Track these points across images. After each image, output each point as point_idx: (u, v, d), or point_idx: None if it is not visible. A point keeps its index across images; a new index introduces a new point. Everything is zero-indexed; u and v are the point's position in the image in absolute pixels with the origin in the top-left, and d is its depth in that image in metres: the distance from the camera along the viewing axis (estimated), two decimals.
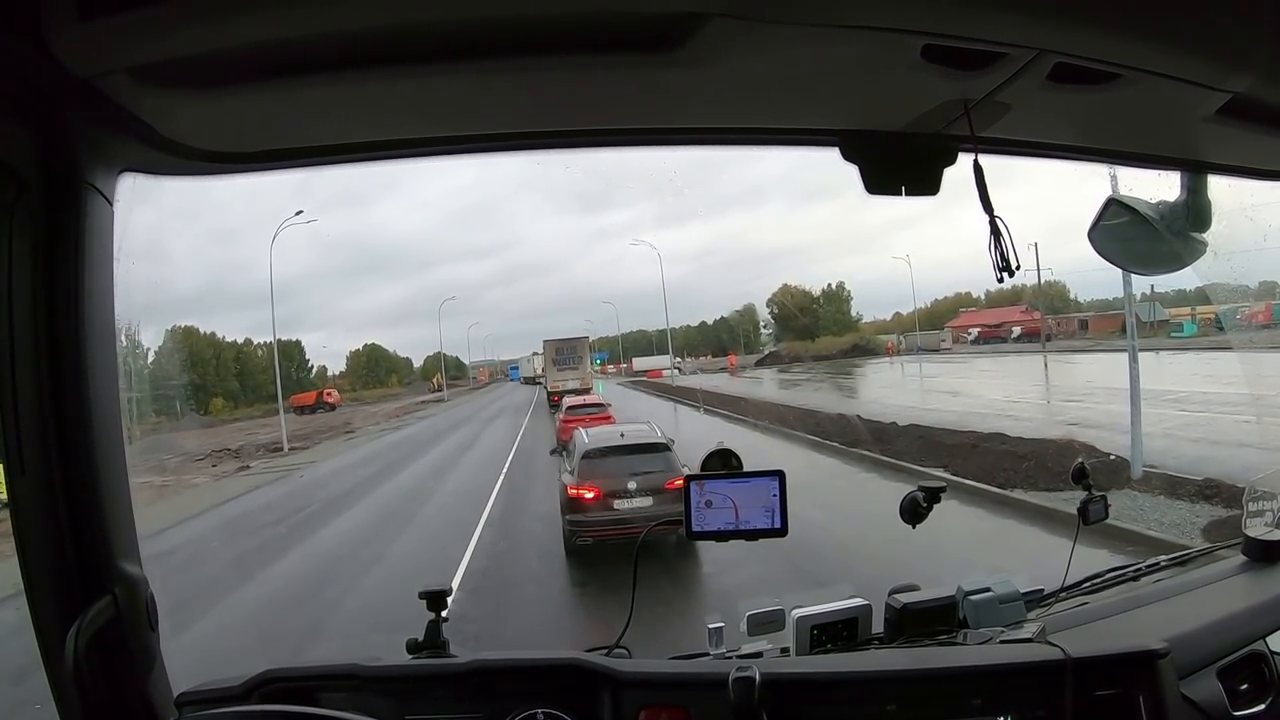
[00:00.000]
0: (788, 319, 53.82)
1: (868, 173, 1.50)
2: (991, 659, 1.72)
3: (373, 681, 1.74)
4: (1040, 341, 38.63)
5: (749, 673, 1.55)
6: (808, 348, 50.03)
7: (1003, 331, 44.04)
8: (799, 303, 53.55)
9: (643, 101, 1.36)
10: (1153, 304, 33.78)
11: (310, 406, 41.71)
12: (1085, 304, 43.95)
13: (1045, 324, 40.25)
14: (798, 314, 52.82)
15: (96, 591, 1.36)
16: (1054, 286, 43.63)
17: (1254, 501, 2.25)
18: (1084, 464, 2.17)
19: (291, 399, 41.74)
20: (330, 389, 46.04)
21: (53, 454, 1.32)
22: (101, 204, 1.37)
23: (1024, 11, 1.09)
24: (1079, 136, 1.62)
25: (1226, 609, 1.90)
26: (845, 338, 50.72)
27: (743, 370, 46.63)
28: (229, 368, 44.29)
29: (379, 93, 1.25)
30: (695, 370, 47.17)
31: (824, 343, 50.32)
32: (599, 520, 8.79)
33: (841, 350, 47.99)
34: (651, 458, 9.26)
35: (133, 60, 1.11)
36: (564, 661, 1.75)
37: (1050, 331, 40.94)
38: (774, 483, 1.74)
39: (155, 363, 21.92)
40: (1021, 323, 43.15)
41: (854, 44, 1.14)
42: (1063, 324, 42.94)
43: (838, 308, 54.16)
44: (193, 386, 28.60)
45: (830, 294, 54.23)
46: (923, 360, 39.91)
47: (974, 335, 46.00)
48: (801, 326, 52.85)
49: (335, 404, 43.22)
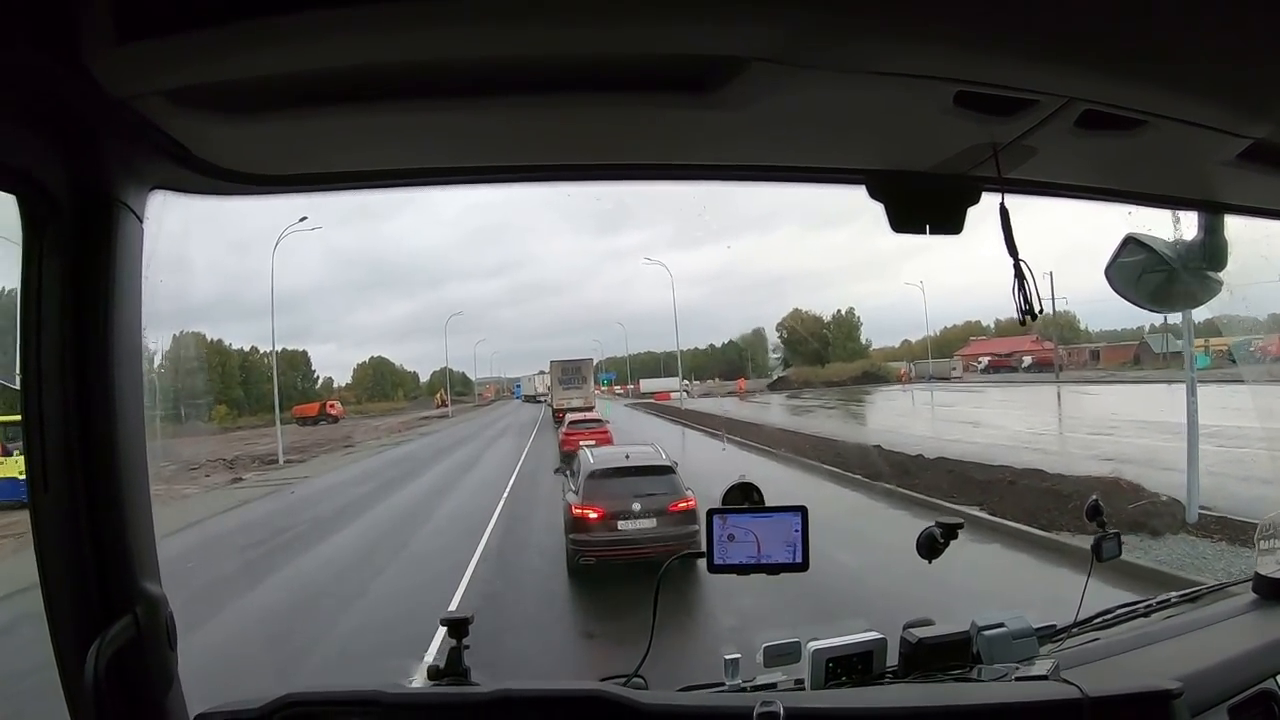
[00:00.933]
0: (797, 344, 53.75)
1: (893, 212, 1.51)
2: (1009, 697, 1.71)
3: (396, 709, 1.72)
4: (1053, 371, 38.56)
5: (773, 708, 1.54)
6: (818, 373, 50.21)
7: (1013, 361, 44.03)
8: (809, 328, 53.44)
9: (675, 139, 1.38)
10: (1165, 336, 33.48)
11: (313, 418, 41.54)
12: (1095, 334, 44.11)
13: (1057, 354, 40.21)
14: (807, 339, 52.63)
15: (118, 610, 1.35)
16: (1064, 316, 43.42)
17: (1265, 539, 2.25)
18: (1098, 501, 2.18)
19: (295, 409, 41.90)
20: (334, 401, 46.06)
21: (77, 471, 1.32)
22: (132, 222, 1.38)
23: (1057, 60, 1.10)
24: (1102, 179, 1.64)
25: (1237, 647, 1.90)
26: (855, 364, 50.66)
27: (751, 395, 46.08)
28: (234, 375, 44.04)
29: (410, 123, 1.27)
30: (703, 393, 46.95)
31: (834, 369, 50.27)
32: (602, 540, 8.83)
33: (852, 377, 47.83)
34: (656, 480, 9.24)
35: (169, 83, 1.12)
36: (587, 693, 1.73)
37: (1062, 362, 40.79)
38: (796, 518, 1.74)
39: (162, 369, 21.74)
40: (1032, 352, 43.09)
41: (889, 89, 1.15)
42: (1074, 354, 42.94)
43: (848, 334, 54.10)
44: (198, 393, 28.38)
45: (840, 320, 54.24)
46: (934, 389, 39.58)
47: (984, 364, 46.04)
48: (811, 352, 52.74)
49: (339, 416, 43.17)
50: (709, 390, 49.23)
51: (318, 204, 70.05)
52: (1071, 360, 41.80)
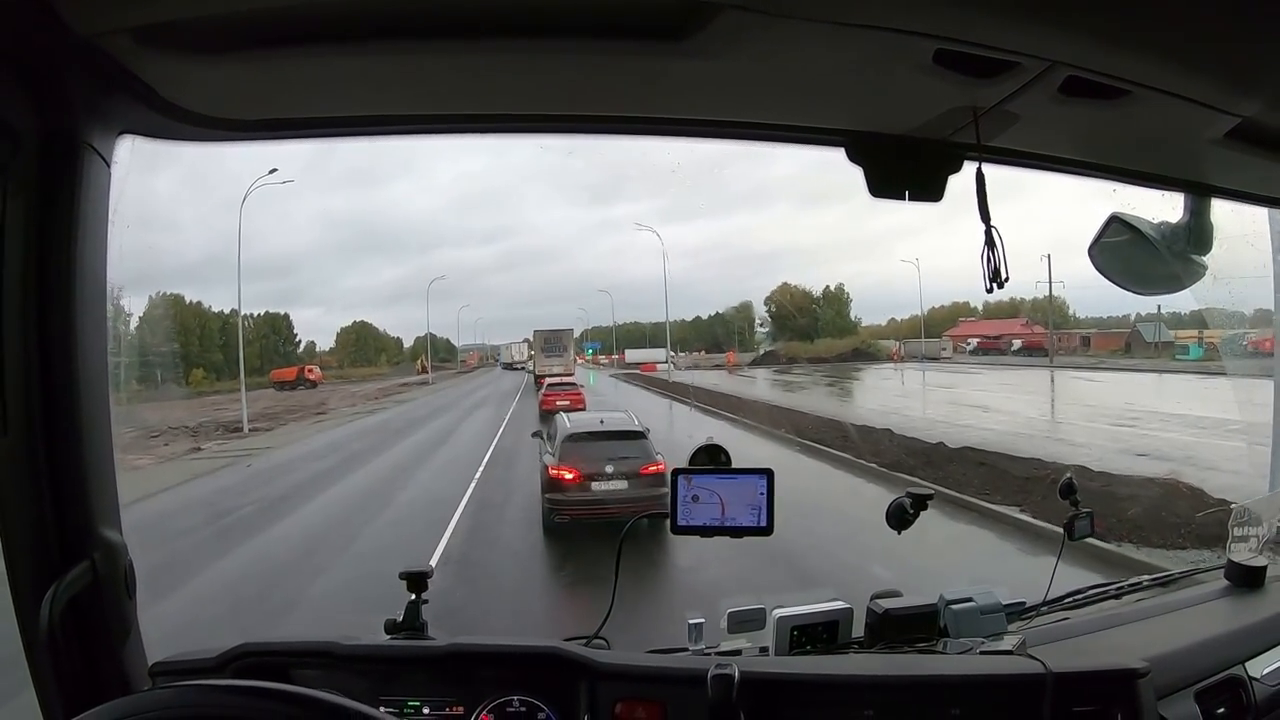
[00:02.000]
0: (785, 318, 52.88)
1: (872, 175, 1.49)
2: (972, 669, 1.72)
3: (348, 660, 1.73)
4: (1043, 355, 38.09)
5: (728, 670, 1.54)
6: (806, 349, 48.95)
7: (1002, 344, 43.57)
8: (798, 303, 52.66)
9: (649, 90, 1.35)
10: (1158, 324, 32.96)
11: (291, 383, 40.24)
12: (1084, 320, 43.65)
13: (1051, 339, 39.70)
14: (796, 314, 51.95)
15: (75, 556, 1.34)
16: (1054, 301, 42.82)
17: (1239, 527, 2.27)
18: (1072, 479, 2.17)
19: (272, 374, 41.12)
20: (313, 365, 44.37)
21: (36, 415, 1.30)
22: (99, 165, 1.36)
23: (1041, 21, 1.08)
24: (1085, 151, 1.62)
25: (1207, 632, 1.91)
26: (846, 341, 49.46)
27: (738, 368, 44.76)
28: (214, 338, 42.83)
29: (384, 67, 1.24)
30: (689, 366, 45.83)
31: (824, 344, 48.96)
32: (577, 500, 9.19)
33: (841, 354, 46.55)
34: (629, 444, 9.65)
35: (135, 20, 1.09)
36: (543, 650, 1.75)
37: (1046, 347, 40.21)
38: (762, 481, 1.73)
39: (138, 330, 21.00)
40: (1021, 336, 42.66)
41: (866, 44, 1.13)
42: (1064, 339, 42.10)
43: (837, 310, 53.24)
44: (174, 356, 27.56)
45: (830, 296, 53.33)
46: (927, 368, 38.46)
47: (973, 346, 45.44)
48: (800, 327, 51.89)
49: (317, 381, 41.65)
50: (695, 363, 47.73)
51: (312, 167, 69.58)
52: (1062, 345, 41.16)
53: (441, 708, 1.72)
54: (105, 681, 1.42)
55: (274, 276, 72.38)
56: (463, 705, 1.71)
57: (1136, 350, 37.35)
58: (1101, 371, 31.69)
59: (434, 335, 55.68)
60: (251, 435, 23.43)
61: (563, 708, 1.69)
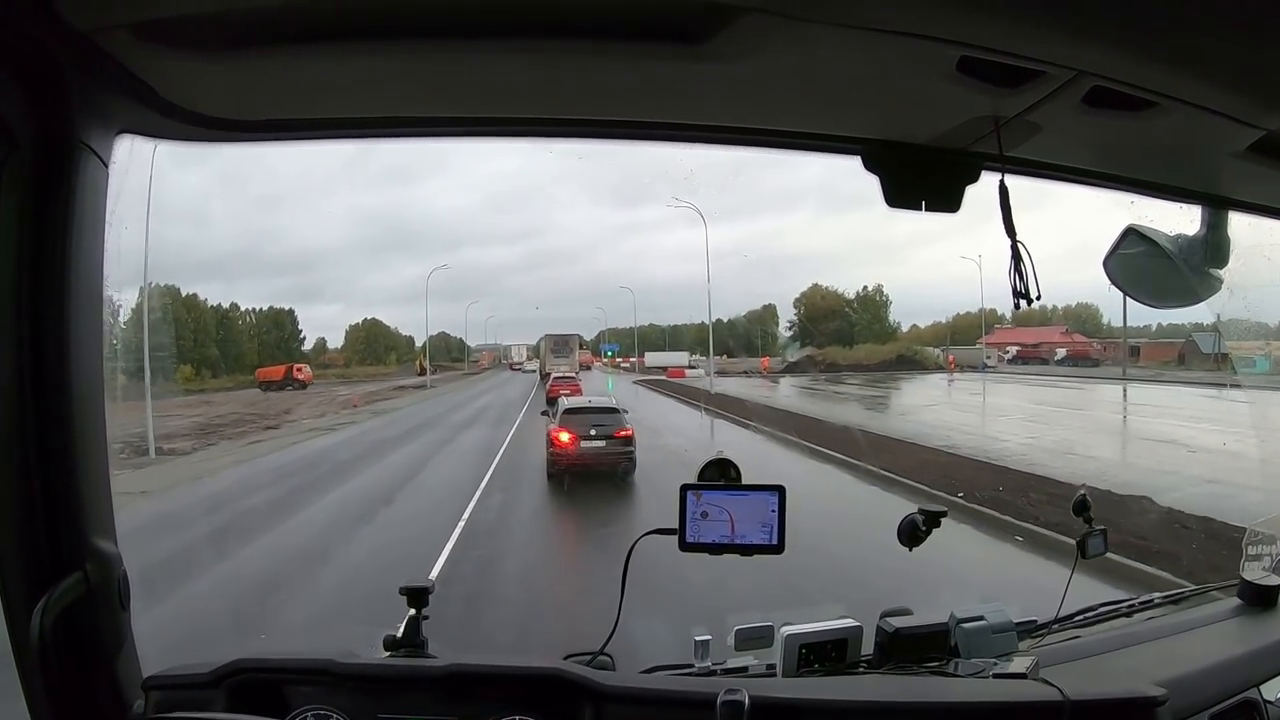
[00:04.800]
0: (817, 322, 50.28)
1: (889, 185, 1.47)
2: (987, 695, 1.68)
3: (346, 679, 1.69)
4: (1090, 365, 36.31)
5: (738, 696, 1.50)
6: (845, 355, 45.87)
7: (1043, 352, 41.54)
8: (830, 305, 50.35)
9: (667, 94, 1.32)
10: (1215, 335, 28.66)
11: (278, 382, 37.98)
12: (1117, 329, 41.21)
13: (1103, 349, 37.81)
14: (827, 317, 49.58)
15: (67, 566, 1.31)
16: (1087, 309, 41.52)
17: (1253, 545, 2.23)
18: (1085, 495, 2.14)
19: (258, 372, 39.26)
20: (301, 365, 41.59)
21: (29, 421, 1.27)
22: (96, 165, 1.33)
23: (1069, 30, 1.05)
24: (1106, 163, 1.59)
25: (1221, 654, 1.88)
26: (888, 347, 46.46)
27: (771, 375, 41.48)
28: (210, 333, 41.40)
29: (389, 68, 1.21)
30: (709, 371, 42.40)
31: (864, 350, 45.91)
32: (570, 454, 12.92)
33: (884, 360, 43.54)
34: (606, 416, 13.56)
35: (134, 17, 1.07)
36: (545, 671, 1.71)
37: (1099, 357, 38.72)
38: (774, 498, 1.69)
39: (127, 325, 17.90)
40: (1064, 345, 40.84)
41: (889, 50, 1.10)
42: (1109, 349, 40.31)
43: (875, 314, 50.63)
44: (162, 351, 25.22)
45: (865, 298, 50.75)
46: (985, 378, 35.16)
47: (1012, 354, 43.18)
48: (833, 330, 49.38)
49: (306, 381, 39.10)
50: (721, 368, 43.38)
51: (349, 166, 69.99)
52: (1108, 355, 39.34)
53: None
54: (99, 695, 1.39)
55: (296, 272, 73.08)
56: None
57: (1192, 362, 34.69)
58: (1166, 385, 28.03)
59: (448, 335, 55.61)
60: (159, 461, 17.16)
61: None
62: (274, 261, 59.94)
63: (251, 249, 60.34)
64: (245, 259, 60.29)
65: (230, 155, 3.58)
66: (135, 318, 18.71)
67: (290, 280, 65.46)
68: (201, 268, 49.44)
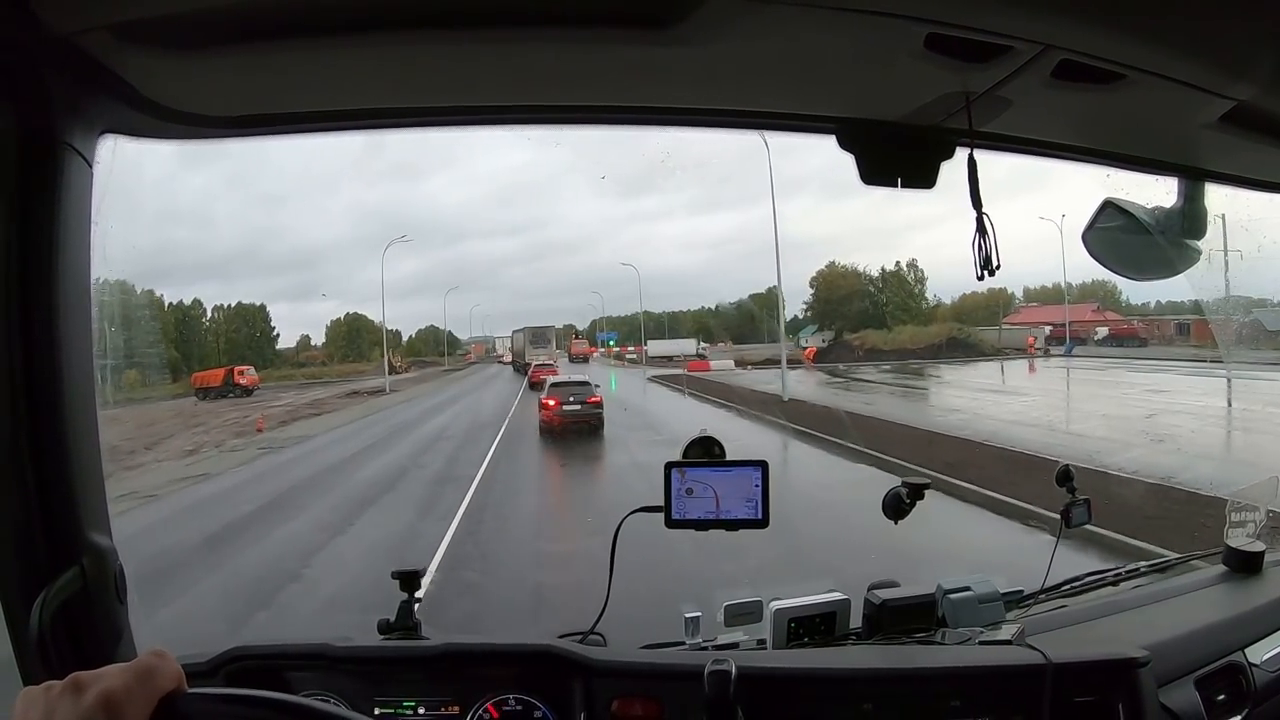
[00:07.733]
0: (837, 303, 45.68)
1: (863, 162, 1.48)
2: (971, 660, 1.71)
3: (342, 662, 1.72)
4: (1136, 345, 32.72)
5: (724, 666, 1.53)
6: (884, 339, 40.19)
7: (1081, 333, 37.87)
8: (851, 285, 46.23)
9: (636, 79, 1.33)
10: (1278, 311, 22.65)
11: (217, 389, 32.99)
12: (1137, 307, 38.60)
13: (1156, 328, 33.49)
14: (848, 299, 45.03)
15: (64, 562, 1.32)
16: (1104, 286, 37.87)
17: (1236, 512, 2.27)
18: (1068, 467, 2.17)
19: (193, 378, 34.12)
20: (245, 367, 35.90)
21: (21, 419, 1.28)
22: (80, 166, 1.33)
23: (1034, 4, 1.06)
24: (1078, 136, 1.60)
25: (1206, 619, 1.91)
26: (933, 329, 40.48)
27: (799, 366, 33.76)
28: (168, 333, 36.54)
29: (367, 59, 1.22)
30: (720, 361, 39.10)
31: (906, 334, 40.31)
32: (555, 414, 18.84)
33: (933, 345, 38.09)
34: (581, 388, 19.94)
35: (115, 16, 1.07)
36: (537, 649, 1.74)
37: (1144, 336, 35.10)
38: (757, 473, 1.72)
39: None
40: (1106, 323, 37.42)
41: (857, 29, 1.11)
42: (1158, 327, 36.04)
43: (908, 292, 45.73)
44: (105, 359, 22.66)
45: (893, 276, 45.86)
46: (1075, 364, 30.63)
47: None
48: (855, 312, 44.73)
49: (250, 386, 33.97)
50: (739, 357, 39.09)
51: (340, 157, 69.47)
52: (1155, 333, 35.69)
53: (437, 707, 1.71)
54: None
55: (296, 269, 72.64)
56: (458, 705, 1.71)
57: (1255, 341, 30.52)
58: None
59: (437, 328, 53.84)
60: None
61: (559, 706, 1.69)
62: (271, 260, 59.80)
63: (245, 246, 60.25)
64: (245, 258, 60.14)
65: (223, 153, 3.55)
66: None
67: (293, 278, 65.34)
68: (201, 268, 48.96)
